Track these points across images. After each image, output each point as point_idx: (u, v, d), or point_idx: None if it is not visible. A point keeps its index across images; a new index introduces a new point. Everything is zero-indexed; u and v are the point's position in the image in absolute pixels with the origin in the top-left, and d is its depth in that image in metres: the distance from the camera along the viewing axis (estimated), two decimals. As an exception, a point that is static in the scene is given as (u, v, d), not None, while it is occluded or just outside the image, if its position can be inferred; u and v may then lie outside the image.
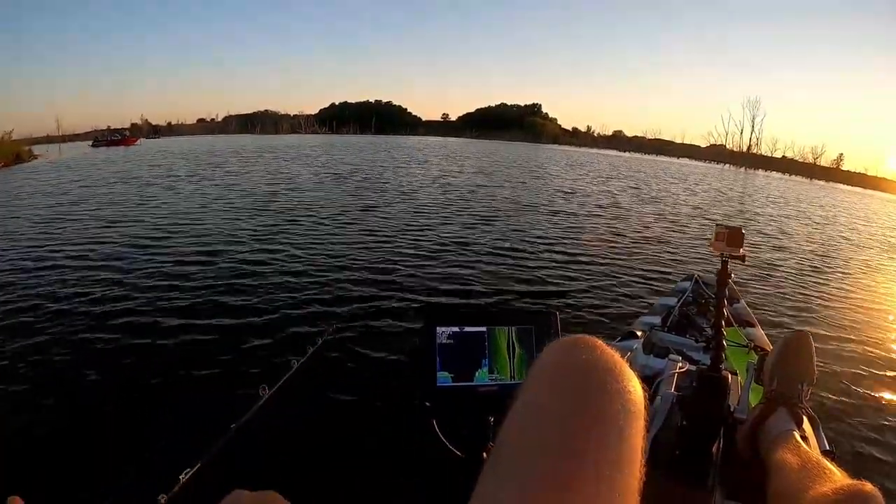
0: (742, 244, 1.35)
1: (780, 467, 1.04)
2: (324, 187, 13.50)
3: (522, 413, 0.37)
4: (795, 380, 1.30)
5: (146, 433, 2.57)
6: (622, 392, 0.36)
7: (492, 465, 0.34)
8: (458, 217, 9.49)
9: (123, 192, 12.23)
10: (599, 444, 0.33)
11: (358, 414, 2.84)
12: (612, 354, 0.39)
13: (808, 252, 9.14)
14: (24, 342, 3.57)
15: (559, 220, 9.82)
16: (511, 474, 0.32)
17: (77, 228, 7.77)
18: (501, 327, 0.93)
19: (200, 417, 2.57)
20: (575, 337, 0.41)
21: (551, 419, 0.35)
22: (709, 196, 18.80)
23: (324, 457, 2.46)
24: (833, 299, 5.95)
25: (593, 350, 0.39)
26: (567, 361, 0.38)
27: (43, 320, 3.95)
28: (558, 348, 0.40)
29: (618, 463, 0.32)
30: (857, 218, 17.91)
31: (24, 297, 4.48)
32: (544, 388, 0.38)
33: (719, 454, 1.30)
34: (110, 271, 5.30)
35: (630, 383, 0.37)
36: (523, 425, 0.36)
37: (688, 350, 2.14)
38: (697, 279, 3.10)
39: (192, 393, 2.99)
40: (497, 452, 0.35)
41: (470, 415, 0.89)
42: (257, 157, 26.57)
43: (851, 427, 2.95)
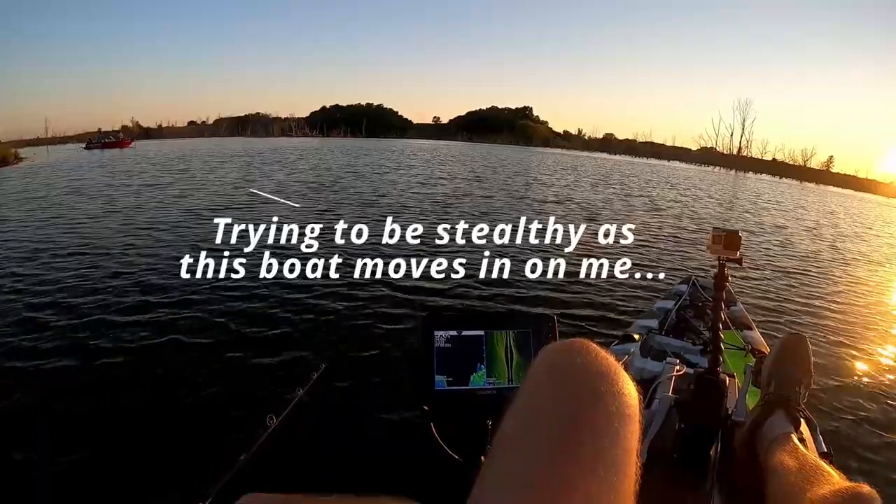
0: (739, 247, 1.34)
1: (778, 470, 1.04)
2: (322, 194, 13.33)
3: (517, 417, 0.38)
4: (793, 382, 1.31)
5: (152, 468, 2.41)
6: (616, 395, 0.37)
7: (488, 469, 0.35)
8: (453, 220, 9.47)
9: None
10: (593, 446, 0.33)
11: (360, 418, 2.82)
12: (606, 358, 0.40)
13: (804, 254, 9.21)
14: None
15: (554, 222, 9.82)
16: (507, 477, 0.33)
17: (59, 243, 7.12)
18: (499, 331, 0.92)
19: (207, 450, 2.42)
20: (570, 341, 0.42)
21: (546, 423, 0.35)
22: (701, 199, 18.93)
23: (322, 461, 2.46)
24: (830, 302, 5.99)
25: (588, 354, 0.40)
26: (562, 365, 0.39)
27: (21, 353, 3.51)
28: (553, 352, 0.41)
29: (613, 465, 0.33)
30: (852, 222, 18.05)
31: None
32: (539, 391, 0.39)
33: (717, 457, 1.30)
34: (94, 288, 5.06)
35: (624, 386, 0.38)
36: (518, 429, 0.37)
37: (685, 353, 2.13)
38: (694, 282, 3.09)
39: (197, 422, 2.78)
40: (493, 456, 0.36)
41: (468, 418, 0.89)
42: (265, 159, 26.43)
43: (848, 429, 2.96)
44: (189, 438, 2.60)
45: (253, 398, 2.94)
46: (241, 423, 2.61)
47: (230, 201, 11.19)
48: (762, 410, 1.25)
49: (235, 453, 1.08)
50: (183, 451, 2.48)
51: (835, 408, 3.18)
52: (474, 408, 0.88)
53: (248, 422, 2.37)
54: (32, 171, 20.54)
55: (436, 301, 4.88)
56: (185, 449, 2.51)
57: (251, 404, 2.85)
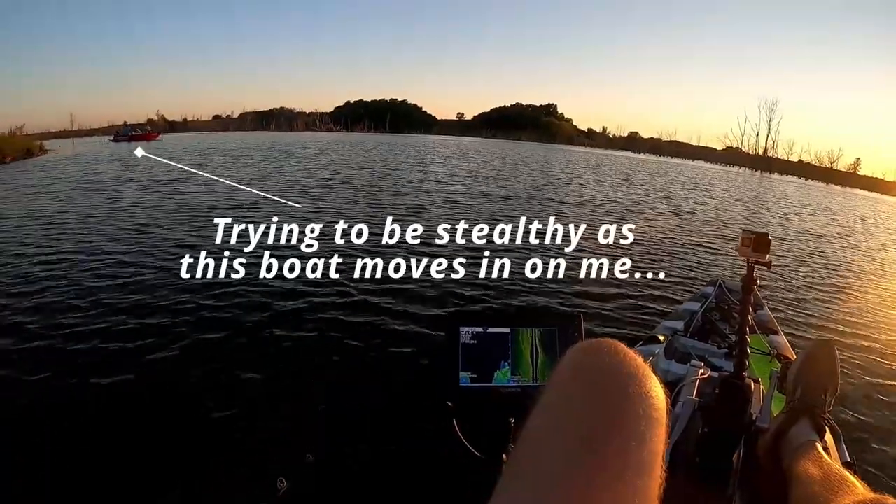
0: (768, 250, 1.33)
1: (802, 478, 1.02)
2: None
3: (543, 415, 0.37)
4: (819, 389, 1.28)
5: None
6: (644, 397, 0.36)
7: (511, 467, 0.35)
8: (481, 218, 9.41)
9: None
10: (620, 448, 0.33)
11: (380, 413, 2.83)
12: (634, 359, 0.39)
13: (834, 259, 8.99)
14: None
15: (582, 221, 9.73)
16: (530, 476, 0.32)
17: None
18: (525, 329, 0.93)
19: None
20: (598, 340, 0.41)
21: (572, 422, 0.35)
22: (728, 201, 18.49)
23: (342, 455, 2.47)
24: (858, 309, 5.84)
25: (616, 354, 0.39)
26: (589, 365, 0.39)
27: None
28: (581, 351, 0.41)
29: (638, 468, 0.33)
30: (885, 228, 17.49)
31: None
32: (566, 390, 0.38)
33: (740, 462, 1.29)
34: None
35: (653, 388, 0.37)
36: (544, 427, 0.37)
37: (710, 356, 2.11)
38: (721, 284, 3.05)
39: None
40: (517, 454, 0.36)
41: (491, 415, 0.90)
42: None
43: (874, 439, 2.89)
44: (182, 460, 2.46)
45: (260, 409, 2.89)
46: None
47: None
48: (787, 417, 1.23)
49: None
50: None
51: (859, 417, 3.11)
52: (498, 405, 0.89)
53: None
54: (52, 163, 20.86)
55: (459, 290, 4.93)
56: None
57: (255, 410, 2.85)
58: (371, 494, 2.26)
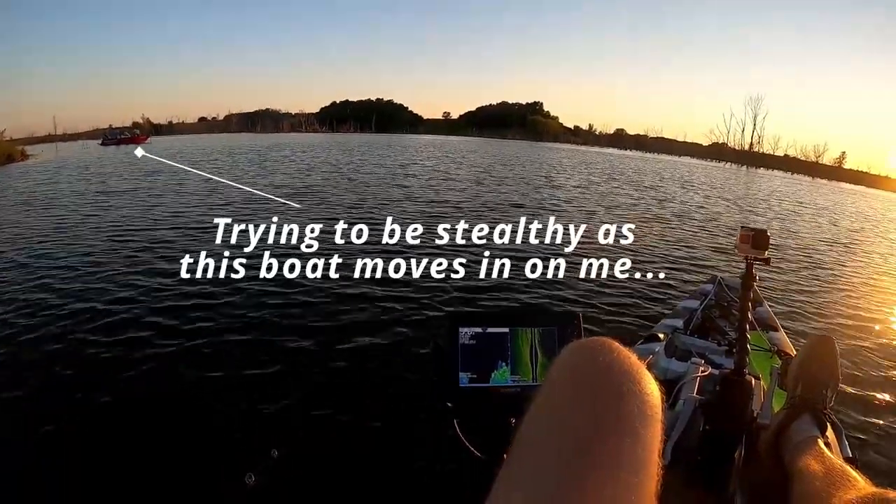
0: (767, 246, 1.33)
1: (804, 474, 1.02)
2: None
3: (539, 415, 0.38)
4: (820, 385, 1.28)
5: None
6: (638, 394, 0.36)
7: (508, 466, 0.35)
8: (476, 218, 9.39)
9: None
10: (614, 446, 0.33)
11: (379, 414, 2.82)
12: (628, 357, 0.39)
13: (831, 255, 9.07)
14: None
15: (576, 220, 9.75)
16: (527, 476, 0.33)
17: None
18: (524, 328, 0.92)
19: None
20: (592, 339, 0.41)
21: (567, 421, 0.35)
22: (720, 197, 18.66)
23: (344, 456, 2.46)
24: (857, 303, 5.89)
25: (610, 352, 0.39)
26: (584, 364, 0.39)
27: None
28: (575, 350, 0.41)
29: (633, 465, 0.33)
30: (874, 220, 17.72)
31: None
32: (561, 390, 0.39)
33: (741, 459, 1.29)
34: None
35: (647, 386, 0.38)
36: (540, 427, 0.37)
37: (710, 353, 2.12)
38: (720, 282, 3.06)
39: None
40: (514, 453, 0.36)
41: (491, 416, 0.89)
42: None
43: (875, 434, 2.91)
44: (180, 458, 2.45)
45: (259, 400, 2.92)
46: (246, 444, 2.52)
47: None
48: (788, 413, 1.23)
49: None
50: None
51: (860, 412, 3.13)
52: (498, 405, 0.88)
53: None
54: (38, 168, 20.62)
55: (457, 291, 4.94)
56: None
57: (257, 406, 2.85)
58: (371, 494, 2.25)
